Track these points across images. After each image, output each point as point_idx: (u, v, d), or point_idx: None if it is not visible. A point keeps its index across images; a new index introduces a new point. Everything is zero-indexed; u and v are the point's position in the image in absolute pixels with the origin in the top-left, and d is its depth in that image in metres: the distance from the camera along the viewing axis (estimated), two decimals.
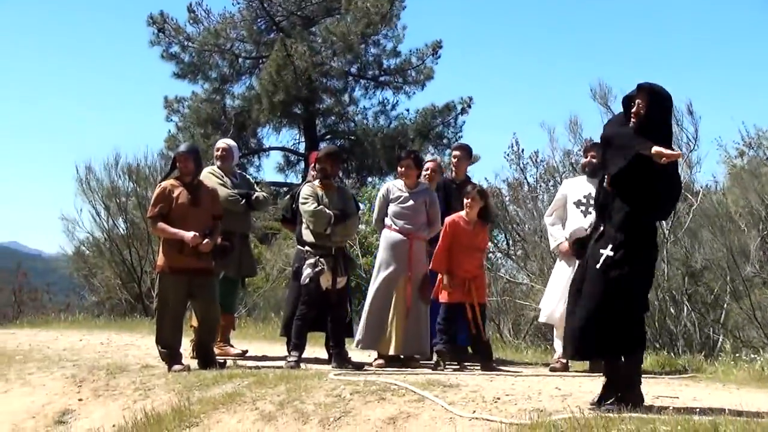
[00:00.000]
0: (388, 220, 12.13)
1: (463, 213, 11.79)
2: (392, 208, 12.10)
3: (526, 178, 21.20)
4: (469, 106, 36.70)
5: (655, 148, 7.78)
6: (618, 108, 9.01)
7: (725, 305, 16.44)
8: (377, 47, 37.02)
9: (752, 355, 13.52)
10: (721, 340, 15.87)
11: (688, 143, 17.66)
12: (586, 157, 12.30)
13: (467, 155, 13.53)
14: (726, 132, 48.02)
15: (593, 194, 11.64)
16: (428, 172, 12.71)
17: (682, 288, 16.49)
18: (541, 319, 12.85)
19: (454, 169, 13.47)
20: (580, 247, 8.59)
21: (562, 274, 12.10)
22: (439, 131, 36.18)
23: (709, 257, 16.77)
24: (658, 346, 13.48)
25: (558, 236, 12.30)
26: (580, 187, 12.20)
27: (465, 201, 11.77)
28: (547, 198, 21.11)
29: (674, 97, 8.32)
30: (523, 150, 21.51)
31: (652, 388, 9.76)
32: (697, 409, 7.86)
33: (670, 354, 12.32)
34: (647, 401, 8.46)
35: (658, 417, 7.32)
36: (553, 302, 12.14)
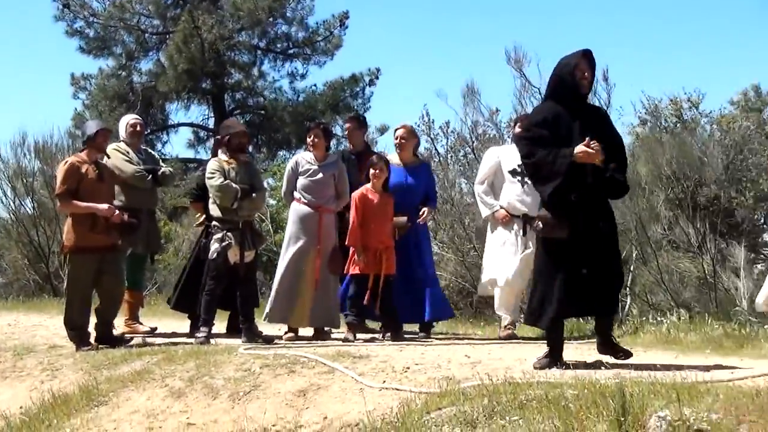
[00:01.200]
0: (296, 193, 12.06)
1: (369, 185, 11.75)
2: (301, 181, 12.02)
3: (436, 148, 21.22)
4: (377, 77, 36.69)
5: (578, 154, 8.35)
6: (532, 72, 9.15)
7: (633, 269, 16.61)
8: (285, 20, 36.80)
9: (659, 318, 13.68)
10: (629, 304, 16.04)
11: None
12: (517, 128, 12.26)
13: (358, 125, 13.49)
14: (627, 99, 48.62)
15: None
16: (399, 140, 12.67)
17: None
18: (482, 291, 12.86)
19: (348, 140, 13.44)
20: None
21: (501, 241, 12.10)
22: (347, 103, 36.09)
23: (617, 222, 16.91)
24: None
25: (492, 204, 12.22)
26: (513, 156, 12.12)
27: (371, 172, 11.72)
28: (458, 168, 21.16)
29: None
30: (433, 121, 21.50)
31: None
32: (604, 370, 7.98)
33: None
34: (557, 368, 8.55)
35: (566, 381, 7.38)
36: (498, 271, 12.11)
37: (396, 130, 12.70)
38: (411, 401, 7.67)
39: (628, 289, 16.42)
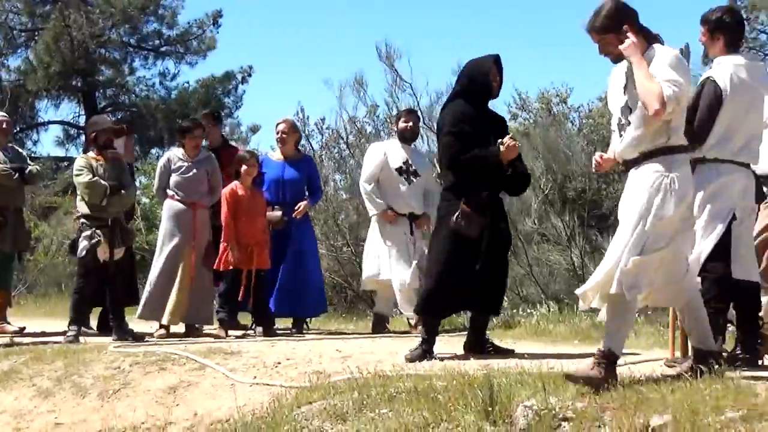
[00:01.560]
0: (170, 190, 11.94)
1: (238, 181, 11.69)
2: (175, 177, 11.91)
3: (311, 146, 21.16)
4: (250, 75, 36.55)
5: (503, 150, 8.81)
6: (403, 68, 9.28)
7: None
8: (157, 18, 36.43)
9: (529, 310, 13.86)
10: None
11: None
12: (407, 123, 12.28)
13: (214, 122, 13.45)
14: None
15: (411, 161, 11.75)
16: (281, 134, 12.57)
17: None
18: (364, 286, 12.88)
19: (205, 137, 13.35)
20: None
21: (389, 239, 12.10)
22: (220, 101, 35.88)
23: None
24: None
25: (380, 203, 12.15)
26: (397, 153, 12.20)
27: (242, 168, 11.67)
28: (332, 165, 21.17)
29: (463, 57, 8.73)
30: (308, 117, 21.44)
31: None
32: (473, 361, 8.07)
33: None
34: (428, 359, 8.62)
35: (435, 373, 7.44)
36: (387, 270, 12.10)
37: (278, 124, 12.65)
38: (282, 396, 7.69)
39: None
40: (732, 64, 7.71)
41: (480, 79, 9.08)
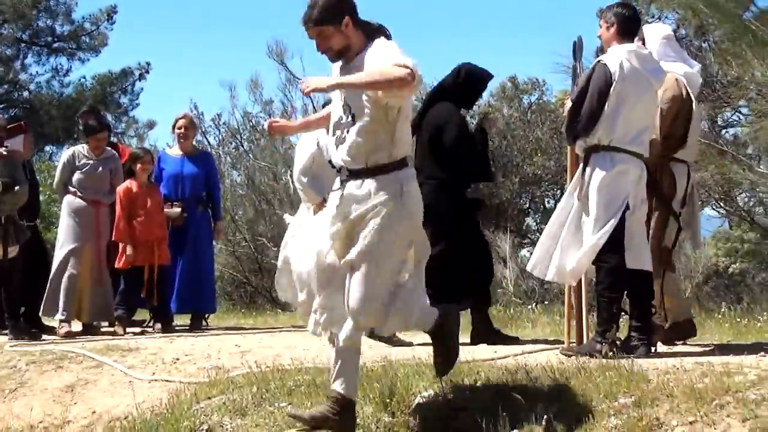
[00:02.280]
0: (72, 187, 11.79)
1: (133, 179, 11.59)
2: (78, 175, 11.76)
3: (209, 141, 21.08)
4: (147, 72, 36.23)
5: None
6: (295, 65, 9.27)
7: None
8: (49, 13, 35.95)
9: None
10: None
11: None
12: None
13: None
14: None
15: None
16: (181, 130, 12.43)
17: None
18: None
19: None
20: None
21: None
22: (116, 98, 35.57)
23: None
24: None
25: (316, 197, 12.08)
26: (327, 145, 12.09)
27: (137, 166, 11.58)
28: (230, 160, 21.13)
29: None
30: (203, 113, 21.36)
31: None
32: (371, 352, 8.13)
33: None
34: (325, 352, 8.63)
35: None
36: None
37: (177, 120, 12.54)
38: (181, 392, 7.68)
39: None
40: (624, 51, 7.83)
41: (476, 87, 9.49)
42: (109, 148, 12.13)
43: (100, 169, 11.79)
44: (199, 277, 12.10)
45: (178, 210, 11.95)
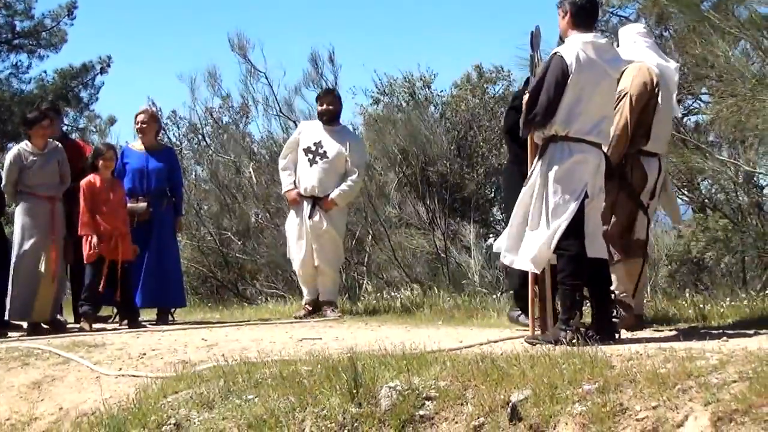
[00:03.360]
0: (24, 187, 11.72)
1: (97, 173, 11.56)
2: (28, 174, 11.70)
3: (168, 137, 20.97)
4: (109, 66, 36.06)
5: None
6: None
7: (368, 248, 16.92)
8: (9, 9, 35.74)
9: (393, 293, 14.02)
10: (365, 281, 16.32)
11: None
12: (321, 105, 12.30)
13: (55, 115, 13.25)
14: (360, 80, 49.21)
15: (324, 143, 11.67)
16: (140, 125, 12.44)
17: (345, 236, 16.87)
18: (294, 267, 12.81)
19: None
20: None
21: (294, 224, 12.11)
22: (77, 93, 35.39)
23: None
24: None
25: (286, 184, 12.19)
26: (313, 134, 12.18)
27: (100, 162, 11.54)
28: (191, 155, 21.09)
29: (316, 44, 8.72)
30: (160, 109, 21.24)
31: (296, 332, 10.01)
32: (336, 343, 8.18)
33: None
34: (291, 344, 8.68)
35: (300, 358, 7.51)
36: (295, 251, 12.11)
37: (137, 115, 12.53)
38: (148, 387, 7.68)
39: (364, 266, 16.73)
40: (580, 41, 7.88)
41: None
42: (51, 140, 12.01)
43: (48, 163, 11.71)
44: (165, 271, 12.11)
45: (143, 205, 11.95)
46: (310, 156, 12.01)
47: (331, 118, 12.24)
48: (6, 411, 8.42)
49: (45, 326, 11.61)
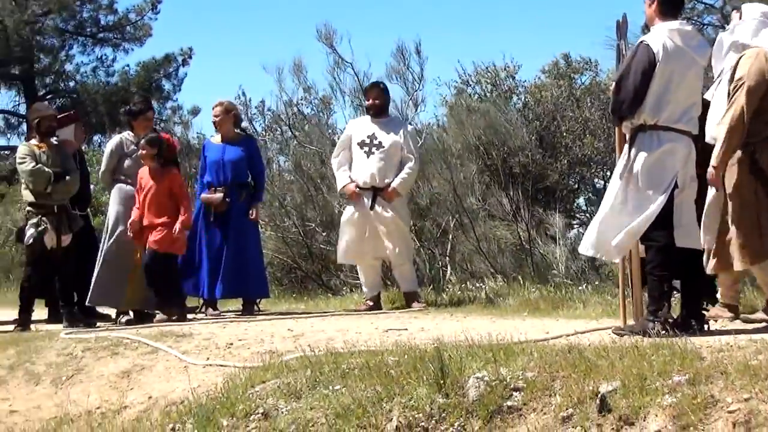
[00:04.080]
0: (122, 175, 11.85)
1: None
2: (127, 162, 11.81)
3: (255, 128, 21.07)
4: (190, 57, 36.45)
5: None
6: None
7: (452, 239, 16.87)
8: (93, 4, 36.19)
9: (477, 284, 13.98)
10: (449, 272, 16.29)
11: (414, 83, 18.06)
12: (368, 100, 12.37)
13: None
14: (444, 71, 49.24)
15: (377, 134, 11.70)
16: (215, 118, 12.54)
17: (410, 225, 16.83)
18: (340, 260, 12.92)
19: None
20: None
21: (353, 216, 12.14)
22: (161, 84, 35.76)
23: (435, 192, 17.16)
24: (389, 283, 13.71)
25: (342, 179, 12.25)
26: (363, 128, 12.27)
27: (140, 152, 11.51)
28: (277, 145, 21.16)
29: (403, 37, 8.63)
30: (250, 99, 21.34)
31: (381, 322, 10.01)
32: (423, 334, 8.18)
33: (398, 289, 12.57)
34: (377, 335, 8.69)
35: (387, 348, 7.51)
36: (354, 243, 12.16)
37: (213, 108, 12.62)
38: (235, 376, 7.72)
39: (447, 257, 16.69)
40: (666, 29, 7.81)
41: None
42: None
43: None
44: (245, 262, 12.09)
45: (219, 195, 11.97)
46: (366, 148, 12.04)
47: (378, 111, 12.28)
48: (96, 400, 8.53)
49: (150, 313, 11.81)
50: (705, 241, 8.04)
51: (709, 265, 8.12)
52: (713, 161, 7.89)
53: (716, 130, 8.07)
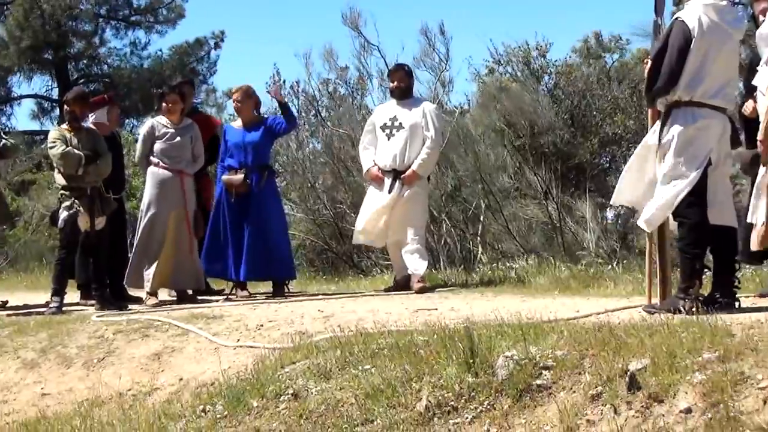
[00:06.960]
0: (154, 158, 11.91)
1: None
2: (159, 145, 11.86)
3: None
4: (222, 40, 36.49)
5: None
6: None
7: (483, 219, 16.86)
8: None
9: (508, 264, 13.95)
10: (480, 252, 16.28)
11: (441, 63, 18.02)
12: (393, 82, 12.35)
13: (190, 88, 13.48)
14: (474, 50, 48.99)
15: (398, 116, 11.65)
16: (235, 103, 12.48)
17: (440, 206, 16.81)
18: (356, 241, 12.94)
19: None
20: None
21: (373, 198, 12.14)
22: (194, 68, 35.82)
23: (464, 173, 17.14)
24: None
25: (366, 163, 12.25)
26: (386, 111, 12.27)
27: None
28: (308, 127, 21.16)
29: (428, 17, 8.57)
30: (284, 81, 21.32)
31: (412, 303, 10.00)
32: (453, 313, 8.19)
33: (429, 270, 12.55)
34: (407, 315, 8.69)
35: (416, 328, 7.52)
36: (371, 224, 12.14)
37: (233, 93, 12.63)
38: (265, 357, 7.76)
39: (478, 237, 16.67)
40: (701, 4, 7.75)
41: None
42: (187, 118, 12.21)
43: (180, 137, 11.89)
44: (269, 244, 11.99)
45: (240, 177, 11.89)
46: (387, 131, 12.01)
47: (401, 94, 12.23)
48: (128, 382, 8.57)
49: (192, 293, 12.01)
50: (753, 218, 7.91)
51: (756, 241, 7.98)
52: (760, 135, 7.80)
53: (761, 104, 7.98)
